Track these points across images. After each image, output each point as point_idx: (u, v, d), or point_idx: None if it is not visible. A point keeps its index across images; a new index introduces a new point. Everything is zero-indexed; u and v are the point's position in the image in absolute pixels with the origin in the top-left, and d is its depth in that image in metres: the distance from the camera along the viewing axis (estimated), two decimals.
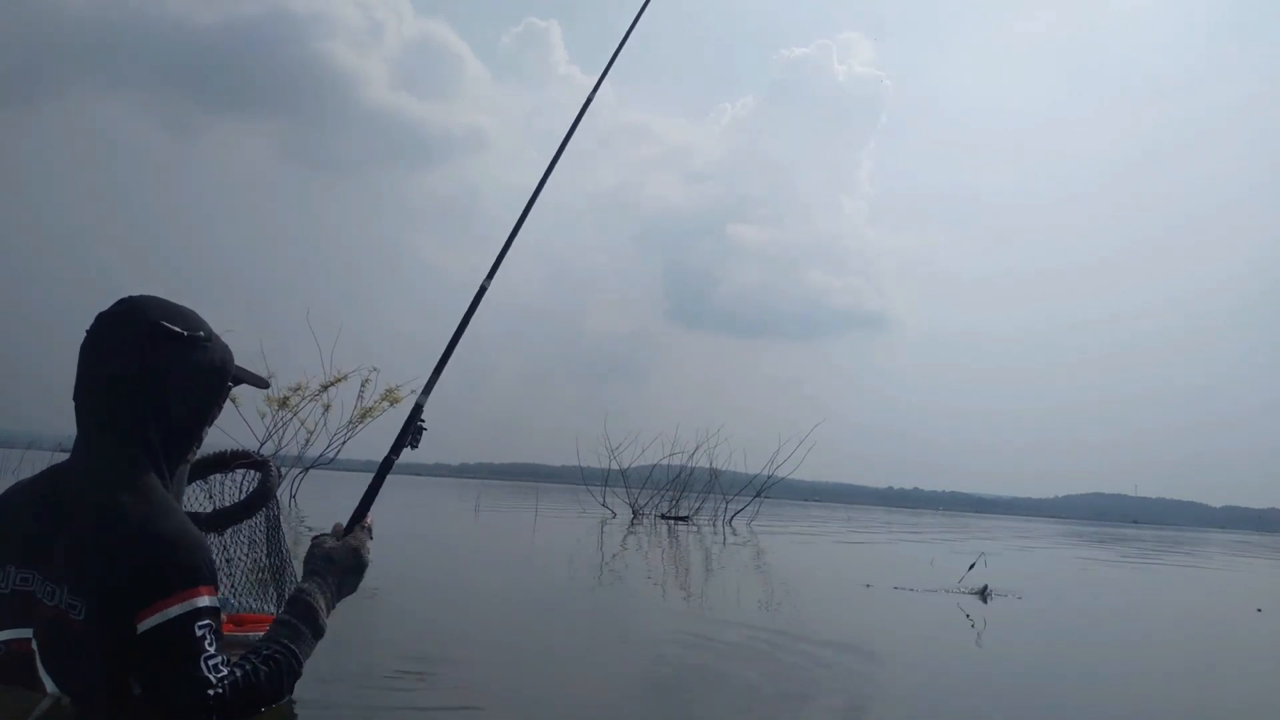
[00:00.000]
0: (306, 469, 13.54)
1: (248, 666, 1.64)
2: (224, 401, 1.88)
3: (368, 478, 2.14)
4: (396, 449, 2.19)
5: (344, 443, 13.40)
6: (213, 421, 1.87)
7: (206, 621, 1.58)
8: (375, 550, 1.98)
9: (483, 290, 2.38)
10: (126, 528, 1.57)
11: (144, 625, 1.53)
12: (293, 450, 13.06)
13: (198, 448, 1.89)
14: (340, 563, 1.93)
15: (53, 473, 1.74)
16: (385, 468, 2.19)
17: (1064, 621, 5.24)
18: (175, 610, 1.54)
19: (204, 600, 1.58)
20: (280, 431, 12.80)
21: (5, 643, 1.61)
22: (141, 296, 1.79)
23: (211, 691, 1.55)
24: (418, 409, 2.20)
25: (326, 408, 12.95)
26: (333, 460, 13.67)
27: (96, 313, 1.74)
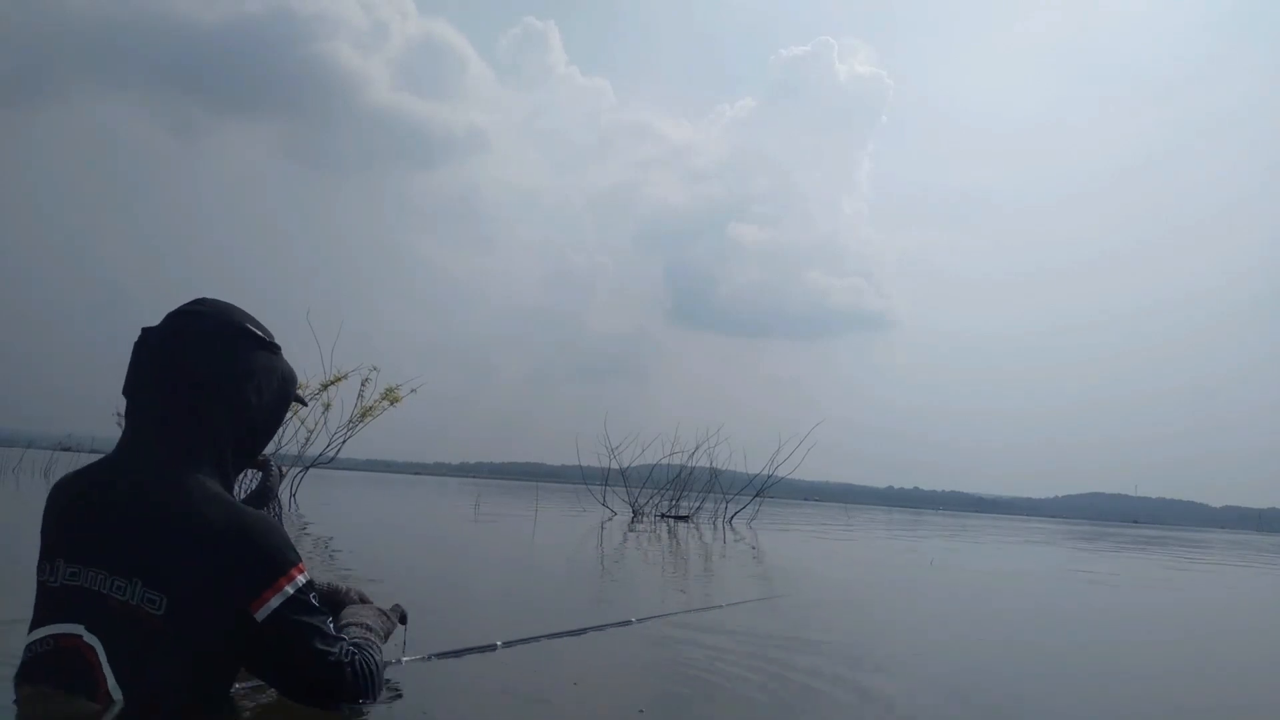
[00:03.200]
0: (306, 468, 13.54)
1: (369, 645, 1.87)
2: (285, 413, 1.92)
3: (368, 477, 2.16)
4: None
5: (344, 442, 13.40)
6: (277, 430, 1.93)
7: (314, 592, 1.72)
8: (377, 549, 2.00)
9: None
10: (216, 521, 1.60)
11: (263, 611, 1.61)
12: (293, 449, 13.06)
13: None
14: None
15: (103, 466, 1.71)
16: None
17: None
18: (290, 588, 1.64)
19: (305, 575, 1.69)
20: (280, 430, 12.79)
21: (53, 637, 1.59)
22: (217, 299, 1.83)
23: (342, 654, 1.74)
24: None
25: (327, 407, 12.95)
26: (333, 459, 13.67)
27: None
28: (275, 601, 1.61)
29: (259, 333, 1.81)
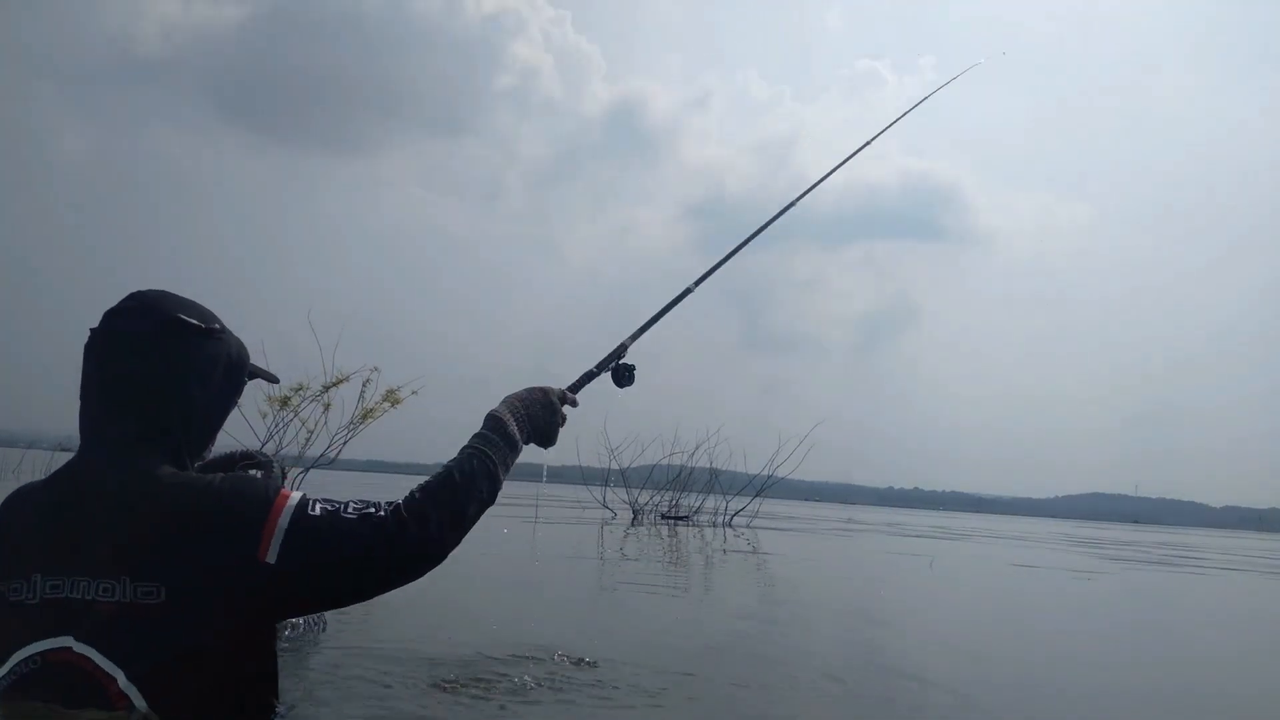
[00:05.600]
0: (306, 469, 13.52)
1: (432, 475, 1.69)
2: (240, 396, 1.84)
3: (369, 477, 2.15)
4: (603, 366, 2.16)
5: (345, 443, 13.36)
6: (227, 415, 1.84)
7: (312, 500, 1.60)
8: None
9: (687, 292, 2.37)
10: (184, 495, 1.56)
11: (271, 554, 1.53)
12: (293, 450, 13.03)
13: (212, 444, 1.84)
14: (524, 395, 1.95)
15: (64, 475, 1.67)
16: (618, 352, 2.17)
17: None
18: (283, 520, 1.55)
19: (295, 495, 1.59)
20: (281, 431, 12.78)
21: (40, 654, 1.51)
22: (151, 291, 1.75)
23: (381, 514, 1.59)
24: (622, 348, 2.18)
25: (327, 408, 12.91)
26: (333, 460, 13.64)
27: (95, 308, 1.70)
28: (276, 539, 1.54)
29: (193, 321, 1.72)
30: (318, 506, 1.60)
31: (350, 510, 1.61)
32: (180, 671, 1.52)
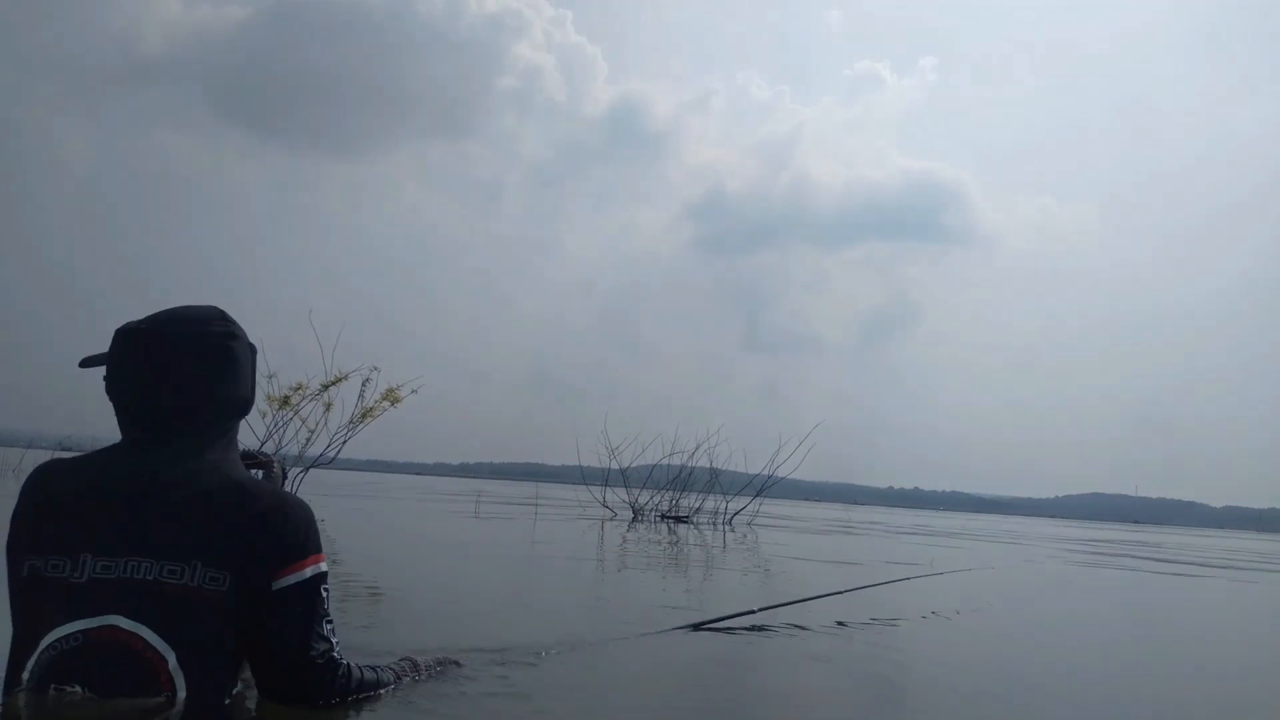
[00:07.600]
0: (307, 468, 13.54)
1: (372, 669, 1.95)
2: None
3: (368, 477, 2.19)
4: None
5: (344, 442, 13.37)
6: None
7: (328, 585, 1.80)
8: (378, 551, 2.01)
9: None
10: (264, 502, 1.73)
11: (280, 583, 1.70)
12: (293, 449, 13.04)
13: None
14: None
15: (110, 459, 1.74)
16: None
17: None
18: (309, 571, 1.74)
19: (325, 565, 1.80)
20: (281, 430, 12.78)
21: (82, 632, 1.57)
22: (192, 305, 1.90)
23: (336, 654, 1.80)
24: None
25: (328, 407, 12.91)
26: (333, 459, 13.66)
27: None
28: (292, 578, 1.71)
29: (235, 328, 1.90)
30: (325, 594, 1.80)
31: (328, 627, 1.80)
32: (223, 659, 1.66)
